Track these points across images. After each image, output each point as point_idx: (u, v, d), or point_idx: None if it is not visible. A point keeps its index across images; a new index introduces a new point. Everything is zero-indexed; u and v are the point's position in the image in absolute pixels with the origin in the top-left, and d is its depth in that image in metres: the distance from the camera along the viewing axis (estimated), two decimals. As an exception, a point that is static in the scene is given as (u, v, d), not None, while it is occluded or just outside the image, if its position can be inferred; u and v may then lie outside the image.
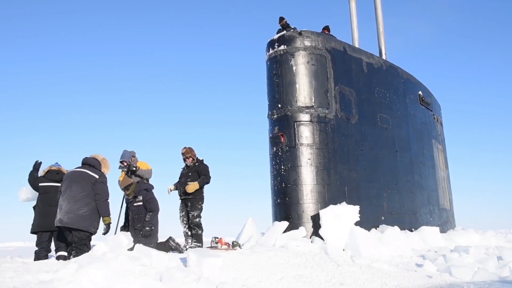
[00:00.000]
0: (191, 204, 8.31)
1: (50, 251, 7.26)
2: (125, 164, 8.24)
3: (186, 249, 7.77)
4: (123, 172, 8.51)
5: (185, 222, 8.44)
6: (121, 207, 8.05)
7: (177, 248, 7.43)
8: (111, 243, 5.78)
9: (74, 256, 6.09)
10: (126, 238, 6.08)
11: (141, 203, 7.48)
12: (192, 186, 8.18)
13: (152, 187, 7.81)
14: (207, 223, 8.52)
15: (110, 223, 6.50)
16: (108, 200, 6.49)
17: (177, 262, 5.62)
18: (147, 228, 7.23)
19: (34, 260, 6.85)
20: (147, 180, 8.30)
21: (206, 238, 8.15)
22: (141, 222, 7.33)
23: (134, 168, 8.09)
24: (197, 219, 8.32)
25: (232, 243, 7.35)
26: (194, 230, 8.29)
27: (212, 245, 7.33)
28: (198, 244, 8.21)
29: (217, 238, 7.37)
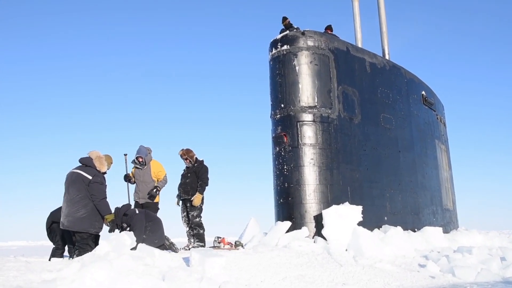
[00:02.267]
0: (190, 204, 8.33)
1: (64, 250, 7.29)
2: (140, 160, 8.17)
3: (189, 249, 7.78)
4: (134, 169, 8.37)
5: (187, 222, 8.46)
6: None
7: (171, 248, 7.38)
8: (114, 243, 5.79)
9: (77, 255, 6.12)
10: (129, 237, 6.08)
11: (128, 228, 6.91)
12: (197, 200, 8.26)
13: (128, 206, 7.22)
14: (210, 223, 8.55)
15: (114, 220, 6.49)
16: (105, 199, 6.43)
17: (180, 261, 5.64)
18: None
19: (50, 257, 6.93)
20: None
21: (209, 238, 8.16)
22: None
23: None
24: (197, 219, 8.35)
25: (235, 242, 7.36)
26: (195, 230, 8.31)
27: (215, 245, 7.33)
28: (201, 244, 8.22)
29: (220, 237, 7.38)
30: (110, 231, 6.49)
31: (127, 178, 8.22)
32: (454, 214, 12.77)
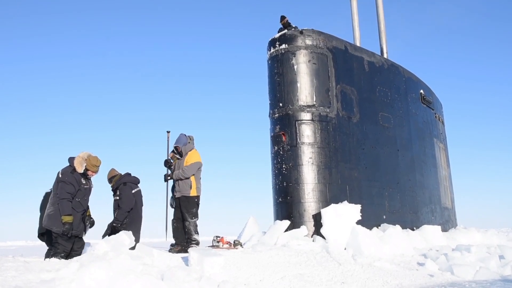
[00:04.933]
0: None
1: None
2: (178, 150, 7.53)
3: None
4: (176, 160, 7.74)
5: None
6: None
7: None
8: (112, 242, 5.79)
9: (51, 255, 6.18)
10: (128, 237, 6.08)
11: (118, 198, 7.29)
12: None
13: (136, 180, 7.44)
14: (209, 222, 8.51)
15: (69, 222, 6.18)
16: (66, 199, 6.22)
17: (178, 261, 5.64)
18: (113, 224, 7.15)
19: (45, 258, 6.89)
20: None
21: (208, 237, 8.13)
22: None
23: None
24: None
25: (234, 242, 7.35)
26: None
27: (214, 244, 7.33)
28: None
29: (219, 237, 7.37)
30: (63, 233, 6.19)
31: (167, 164, 7.59)
32: (453, 213, 12.79)
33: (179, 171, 7.39)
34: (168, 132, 7.67)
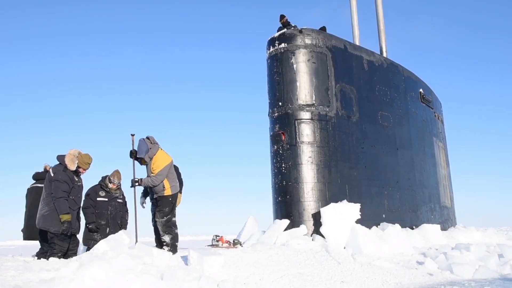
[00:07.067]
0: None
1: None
2: (142, 161, 6.98)
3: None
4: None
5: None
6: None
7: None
8: (112, 242, 5.78)
9: (48, 256, 6.10)
10: (128, 236, 6.08)
11: (121, 201, 7.28)
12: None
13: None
14: (208, 222, 8.51)
15: (68, 220, 6.11)
16: (62, 198, 6.12)
17: (178, 260, 5.64)
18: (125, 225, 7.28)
19: (38, 258, 6.84)
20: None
21: (208, 237, 8.12)
22: (119, 219, 7.19)
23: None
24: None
25: (233, 241, 7.35)
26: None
27: (213, 243, 7.33)
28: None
29: (218, 236, 7.37)
30: (62, 232, 6.13)
31: (132, 155, 7.03)
32: (452, 212, 12.80)
33: (148, 179, 6.94)
34: (132, 135, 7.11)
